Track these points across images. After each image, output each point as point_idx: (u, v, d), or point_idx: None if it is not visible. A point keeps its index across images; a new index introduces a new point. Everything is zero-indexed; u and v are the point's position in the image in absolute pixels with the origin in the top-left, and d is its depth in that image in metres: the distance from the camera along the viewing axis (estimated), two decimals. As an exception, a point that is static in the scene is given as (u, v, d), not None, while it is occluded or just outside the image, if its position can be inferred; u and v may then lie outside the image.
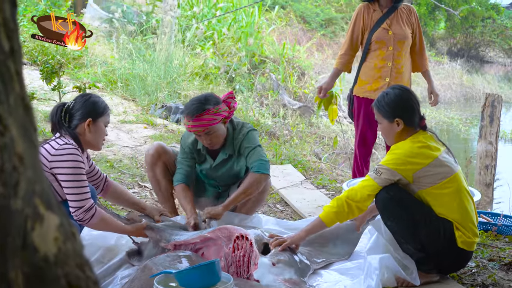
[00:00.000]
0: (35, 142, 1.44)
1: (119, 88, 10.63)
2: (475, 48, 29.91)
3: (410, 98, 4.02)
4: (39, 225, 1.38)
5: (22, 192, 1.36)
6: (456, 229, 3.81)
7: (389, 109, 3.96)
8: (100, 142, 4.09)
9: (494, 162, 7.70)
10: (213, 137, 4.56)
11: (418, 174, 3.80)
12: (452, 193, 3.82)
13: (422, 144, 3.88)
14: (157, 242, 4.17)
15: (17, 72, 1.40)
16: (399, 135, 3.98)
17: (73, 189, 3.77)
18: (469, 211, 3.89)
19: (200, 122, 4.46)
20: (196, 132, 4.53)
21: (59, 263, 1.42)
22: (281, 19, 20.17)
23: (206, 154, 4.78)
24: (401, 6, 5.85)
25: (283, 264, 3.77)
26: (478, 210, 6.11)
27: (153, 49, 11.89)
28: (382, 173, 3.83)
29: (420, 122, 3.98)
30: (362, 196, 3.87)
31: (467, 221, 3.85)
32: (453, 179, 3.84)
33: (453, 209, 3.82)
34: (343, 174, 7.84)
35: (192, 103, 4.56)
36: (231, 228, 3.88)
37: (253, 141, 4.72)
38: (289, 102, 12.64)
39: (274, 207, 6.06)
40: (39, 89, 9.29)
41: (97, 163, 6.77)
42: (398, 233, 3.88)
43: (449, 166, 3.86)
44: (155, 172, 4.86)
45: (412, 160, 3.80)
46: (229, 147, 4.73)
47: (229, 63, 12.91)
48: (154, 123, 8.98)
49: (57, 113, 3.99)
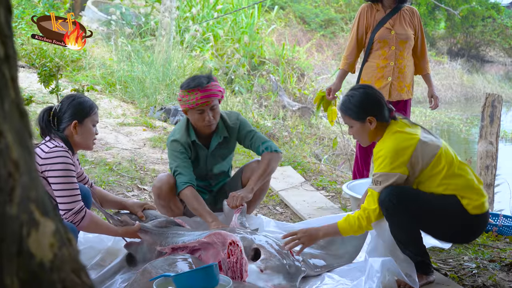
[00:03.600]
0: (31, 148, 1.44)
1: (117, 91, 10.63)
2: (476, 48, 29.91)
3: (376, 93, 4.01)
4: (34, 231, 1.38)
5: (18, 198, 1.35)
6: (461, 198, 3.79)
7: (358, 110, 3.94)
8: (90, 142, 4.07)
9: (495, 162, 7.69)
10: (215, 113, 4.65)
11: (411, 162, 3.78)
12: (445, 169, 3.80)
13: (400, 133, 3.85)
14: (152, 245, 4.16)
15: (12, 78, 1.40)
16: (373, 133, 3.96)
17: (63, 191, 3.77)
18: (467, 177, 3.86)
19: (209, 92, 4.57)
20: (203, 104, 4.57)
21: (55, 269, 1.42)
22: (280, 20, 20.19)
23: (200, 144, 4.80)
24: (404, 7, 5.85)
25: (271, 270, 3.75)
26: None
27: (151, 51, 11.90)
28: (380, 182, 3.81)
29: (390, 114, 3.98)
30: (375, 214, 3.84)
31: (468, 187, 3.82)
32: (441, 155, 3.82)
33: (451, 183, 3.80)
34: (343, 176, 7.83)
35: (194, 78, 4.65)
36: (224, 234, 3.86)
37: (250, 126, 4.93)
38: (288, 103, 12.63)
39: (273, 209, 6.06)
40: (38, 92, 9.30)
41: (96, 166, 6.77)
42: (406, 231, 3.86)
43: (433, 142, 3.85)
44: (169, 204, 4.78)
45: (399, 152, 3.78)
46: (223, 130, 4.82)
47: (228, 65, 12.91)
48: (153, 126, 8.97)
49: (44, 117, 3.99)
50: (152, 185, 4.87)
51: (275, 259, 3.81)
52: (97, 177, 6.32)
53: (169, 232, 4.22)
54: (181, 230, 4.26)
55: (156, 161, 7.30)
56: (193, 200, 4.58)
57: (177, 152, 4.73)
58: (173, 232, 4.23)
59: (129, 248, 4.23)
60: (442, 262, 4.54)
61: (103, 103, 9.91)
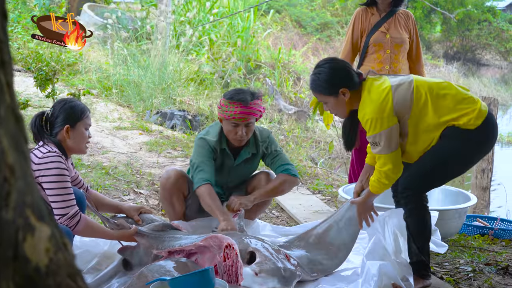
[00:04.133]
0: (26, 153, 1.44)
1: (114, 95, 10.63)
2: (472, 51, 29.98)
3: (342, 64, 4.03)
4: (30, 236, 1.39)
5: (13, 203, 1.36)
6: (456, 121, 3.78)
7: (329, 85, 3.93)
8: (83, 146, 4.07)
9: (491, 166, 7.70)
10: (248, 130, 4.62)
11: (395, 109, 3.78)
12: (428, 96, 3.78)
13: (373, 91, 3.86)
14: (148, 249, 4.16)
15: (7, 83, 1.40)
16: (349, 103, 3.96)
17: (57, 197, 3.77)
18: (453, 93, 3.83)
19: (250, 110, 4.54)
20: (240, 120, 4.54)
21: (51, 274, 1.42)
22: (276, 23, 20.20)
23: (230, 153, 4.78)
24: (399, 11, 5.85)
25: (266, 273, 3.75)
26: (474, 214, 6.14)
27: (147, 55, 11.90)
28: (378, 142, 3.81)
29: (359, 79, 3.98)
30: (394, 174, 3.86)
31: (458, 101, 3.79)
32: (417, 86, 3.80)
33: (442, 106, 3.78)
34: (339, 179, 7.84)
35: (240, 91, 4.63)
36: (220, 237, 3.86)
37: (277, 145, 4.91)
38: (284, 107, 12.64)
39: (270, 213, 6.06)
40: (34, 96, 9.30)
41: (92, 170, 6.77)
42: (424, 223, 3.90)
43: (403, 81, 3.85)
44: (172, 198, 4.79)
45: (381, 108, 3.76)
46: (252, 146, 4.79)
47: (224, 69, 12.91)
48: (149, 129, 8.98)
49: (36, 122, 4.00)
50: (161, 176, 4.90)
51: (270, 262, 3.81)
52: (94, 181, 6.32)
53: (165, 236, 4.22)
54: (178, 234, 4.26)
55: (153, 165, 7.30)
56: (208, 197, 4.52)
57: (204, 150, 4.70)
58: (170, 235, 4.22)
59: (123, 253, 4.23)
60: (438, 265, 4.55)
61: (99, 107, 9.91)
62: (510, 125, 17.79)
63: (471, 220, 5.79)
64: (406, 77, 3.91)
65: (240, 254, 3.80)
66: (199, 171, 4.62)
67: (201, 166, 4.64)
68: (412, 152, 3.90)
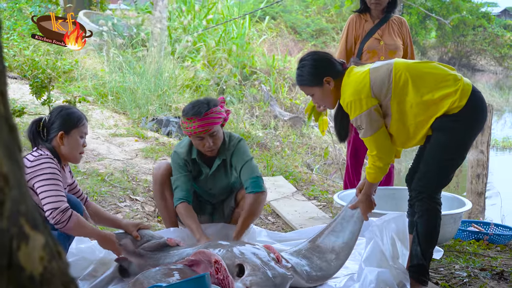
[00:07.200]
0: (20, 163, 1.45)
1: (109, 101, 10.63)
2: (466, 57, 30.07)
3: (323, 55, 4.12)
4: (24, 244, 1.39)
5: (7, 212, 1.36)
6: (441, 109, 3.78)
7: (314, 76, 4.01)
8: (76, 155, 4.06)
9: (486, 171, 7.72)
10: (215, 139, 4.60)
11: (373, 90, 3.80)
12: (408, 75, 3.80)
13: (352, 73, 3.93)
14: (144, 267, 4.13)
15: (1, 92, 1.41)
16: (335, 92, 4.02)
17: (48, 192, 3.76)
18: (435, 72, 3.85)
19: (206, 121, 4.51)
20: (201, 133, 4.53)
21: (45, 282, 1.42)
22: (271, 30, 20.21)
23: (201, 162, 4.78)
24: (392, 17, 5.86)
25: (257, 285, 3.74)
26: (469, 220, 6.14)
27: (143, 62, 11.91)
28: (361, 125, 3.87)
29: (342, 67, 4.04)
30: (384, 154, 3.92)
31: (439, 81, 3.79)
32: (397, 67, 3.83)
33: (424, 85, 3.79)
34: (334, 185, 7.85)
35: (194, 104, 4.60)
36: (208, 253, 3.84)
37: (243, 154, 4.76)
38: (280, 113, 12.65)
39: (265, 219, 6.06)
40: (30, 103, 9.29)
41: (88, 177, 6.77)
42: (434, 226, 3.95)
43: (383, 64, 3.91)
44: (163, 190, 4.82)
45: (358, 90, 3.82)
46: (222, 152, 4.76)
47: (219, 75, 12.93)
48: (145, 136, 8.98)
49: (32, 128, 4.01)
50: (153, 170, 4.97)
51: (259, 273, 3.78)
52: (89, 188, 6.32)
53: (161, 254, 4.23)
54: (172, 250, 4.27)
55: (148, 172, 7.30)
56: (185, 217, 4.62)
57: (177, 164, 4.76)
58: (165, 254, 4.24)
59: (120, 261, 4.22)
60: (433, 271, 4.56)
61: (95, 114, 9.91)
62: (504, 130, 17.83)
63: (466, 225, 5.80)
64: (387, 61, 3.98)
65: (229, 269, 3.79)
66: (175, 188, 4.73)
67: (175, 183, 4.74)
68: (404, 140, 3.96)
